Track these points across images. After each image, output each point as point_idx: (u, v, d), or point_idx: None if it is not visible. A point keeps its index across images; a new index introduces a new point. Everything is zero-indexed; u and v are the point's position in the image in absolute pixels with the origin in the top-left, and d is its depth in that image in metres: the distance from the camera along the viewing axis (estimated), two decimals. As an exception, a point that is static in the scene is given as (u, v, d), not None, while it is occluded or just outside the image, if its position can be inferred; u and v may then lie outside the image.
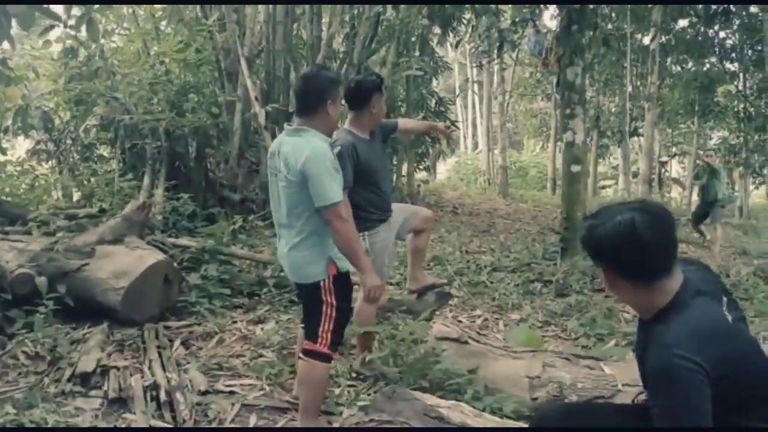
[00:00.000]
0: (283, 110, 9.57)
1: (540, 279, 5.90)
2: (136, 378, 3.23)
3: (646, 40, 13.34)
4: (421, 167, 11.76)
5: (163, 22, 10.54)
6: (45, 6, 4.63)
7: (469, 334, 3.46)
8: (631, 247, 1.53)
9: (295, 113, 2.72)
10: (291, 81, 10.48)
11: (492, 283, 5.75)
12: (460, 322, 4.79)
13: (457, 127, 12.84)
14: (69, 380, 3.26)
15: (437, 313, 4.78)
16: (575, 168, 6.40)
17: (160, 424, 2.90)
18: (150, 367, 3.44)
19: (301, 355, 2.80)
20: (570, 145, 6.43)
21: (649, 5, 12.56)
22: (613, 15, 13.23)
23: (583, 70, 6.61)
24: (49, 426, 2.74)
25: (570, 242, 6.31)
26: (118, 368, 3.40)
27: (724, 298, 1.66)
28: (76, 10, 6.51)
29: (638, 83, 18.12)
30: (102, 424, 2.86)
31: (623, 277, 1.59)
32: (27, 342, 3.58)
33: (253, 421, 3.07)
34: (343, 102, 3.18)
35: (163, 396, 3.11)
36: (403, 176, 11.12)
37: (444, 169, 24.56)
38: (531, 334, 3.93)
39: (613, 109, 18.86)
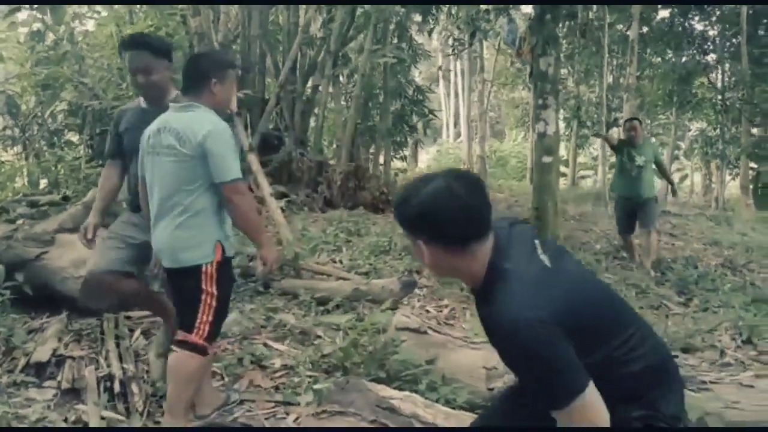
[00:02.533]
0: (258, 97, 9.49)
1: (510, 268, 5.90)
2: (90, 369, 3.18)
3: (632, 33, 13.36)
4: (398, 156, 11.68)
5: (138, 6, 10.37)
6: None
7: (429, 324, 3.46)
8: (447, 212, 1.51)
9: (182, 92, 2.70)
10: (267, 67, 10.40)
11: (462, 272, 5.74)
12: (427, 311, 4.79)
13: (435, 116, 12.75)
14: (22, 370, 3.21)
15: (404, 302, 4.79)
16: (546, 159, 6.40)
17: (112, 415, 2.87)
18: (106, 358, 3.40)
19: (173, 346, 2.62)
20: (542, 135, 6.42)
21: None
22: (594, 6, 13.24)
23: (557, 60, 6.60)
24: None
25: (540, 231, 6.31)
26: (73, 358, 3.35)
27: (536, 242, 1.64)
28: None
29: (617, 74, 18.19)
30: (53, 416, 2.82)
31: (442, 245, 1.55)
32: (-19, 331, 3.50)
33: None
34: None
35: (117, 387, 3.07)
36: (381, 165, 11.07)
37: (425, 158, 24.54)
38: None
39: (594, 100, 18.93)
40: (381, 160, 11.05)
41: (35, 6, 6.53)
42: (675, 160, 21.28)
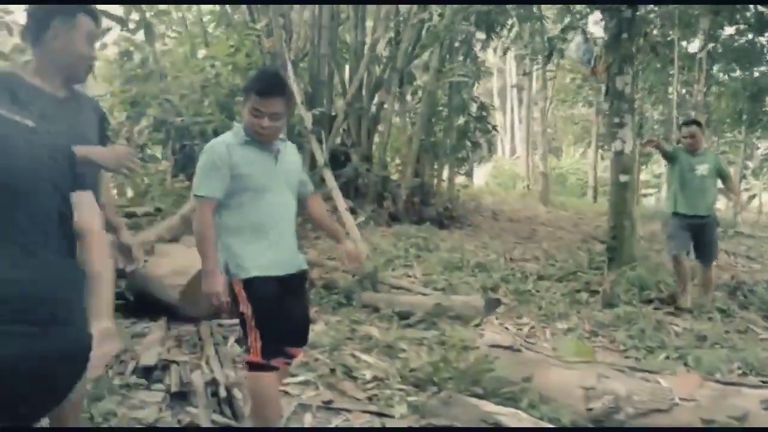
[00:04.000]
0: (326, 114, 9.72)
1: (586, 288, 5.86)
2: (197, 374, 3.33)
3: (692, 48, 13.06)
4: (460, 172, 11.72)
5: (211, 26, 10.81)
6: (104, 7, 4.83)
7: (521, 342, 3.48)
8: None
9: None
10: (334, 85, 10.66)
11: (538, 291, 5.73)
12: (506, 329, 4.80)
13: (497, 131, 12.74)
14: (132, 373, 3.39)
15: (484, 320, 4.81)
16: (624, 177, 6.33)
17: (221, 418, 3.00)
18: (208, 363, 3.54)
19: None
20: (619, 154, 6.36)
21: (697, 12, 12.33)
22: (658, 21, 13.01)
23: (633, 79, 6.53)
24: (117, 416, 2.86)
25: (617, 252, 6.24)
26: (177, 363, 3.51)
27: None
28: (135, 14, 6.76)
29: (683, 91, 17.76)
30: (166, 417, 2.97)
31: None
32: (92, 335, 3.71)
33: (308, 420, 3.14)
34: None
35: (222, 392, 3.20)
36: (443, 181, 11.13)
37: (481, 173, 24.44)
38: (581, 345, 3.92)
39: (656, 117, 18.53)
40: (444, 175, 11.11)
41: (126, 26, 6.88)
42: (743, 180, 20.55)
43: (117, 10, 5.10)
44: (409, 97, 11.40)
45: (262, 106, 2.49)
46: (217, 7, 10.57)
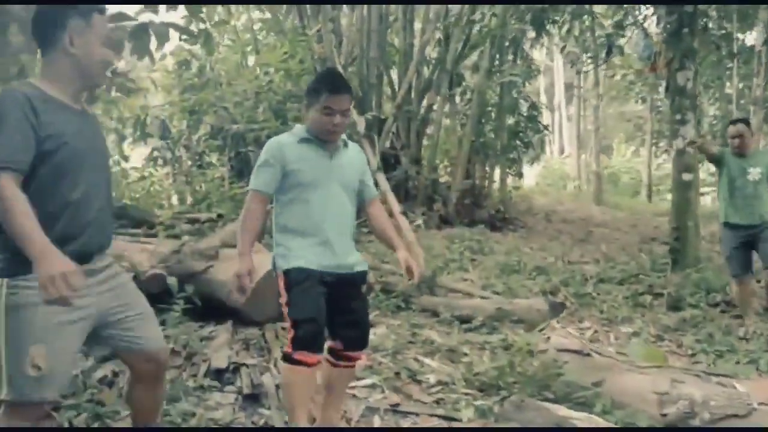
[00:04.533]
0: (376, 117, 9.78)
1: (650, 291, 5.71)
2: (267, 376, 3.40)
3: (749, 40, 12.55)
4: (512, 172, 11.61)
5: (261, 33, 11.04)
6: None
7: (590, 346, 3.43)
8: None
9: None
10: (383, 88, 10.71)
11: (599, 294, 5.62)
12: (569, 333, 4.72)
13: (549, 130, 12.58)
14: (205, 375, 3.48)
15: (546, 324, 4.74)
16: (686, 176, 6.16)
17: (293, 421, 3.05)
18: (276, 365, 3.61)
19: None
20: (681, 152, 6.19)
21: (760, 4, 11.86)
22: (714, 14, 12.59)
23: (695, 74, 6.35)
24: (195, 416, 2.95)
25: (680, 253, 6.07)
26: (247, 365, 3.59)
27: None
28: (193, 25, 6.95)
29: (741, 86, 17.11)
30: (241, 418, 3.04)
31: None
32: (162, 338, 3.84)
33: (377, 422, 3.17)
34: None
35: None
36: (495, 182, 11.04)
37: (530, 174, 24.12)
38: (653, 349, 3.83)
39: (712, 112, 17.89)
40: (496, 177, 11.02)
41: (184, 36, 7.08)
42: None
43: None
44: (458, 99, 11.36)
45: (334, 103, 2.53)
46: (268, 15, 10.79)
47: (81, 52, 1.92)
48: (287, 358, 2.52)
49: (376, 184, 7.03)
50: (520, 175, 11.19)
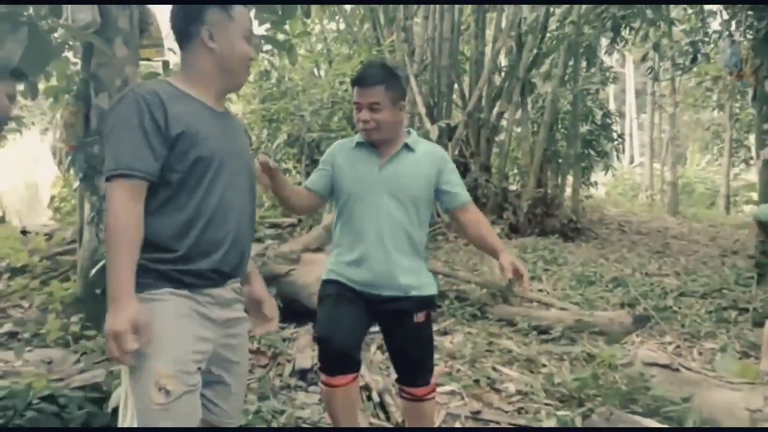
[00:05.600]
0: (447, 125, 9.81)
1: (734, 306, 5.49)
2: (351, 378, 3.50)
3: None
4: (585, 182, 11.38)
5: (334, 44, 11.30)
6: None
7: (679, 361, 3.35)
8: None
9: None
10: (453, 97, 10.74)
11: (680, 308, 5.45)
12: (656, 347, 4.62)
13: (623, 139, 12.27)
14: (291, 375, 3.62)
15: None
16: (775, 188, 5.90)
17: (377, 422, 3.13)
18: (358, 369, 3.71)
19: None
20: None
21: None
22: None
23: (786, 82, 6.08)
24: (284, 414, 3.08)
25: (767, 268, 5.81)
26: (329, 367, 3.71)
27: None
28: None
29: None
30: (326, 419, 3.14)
31: None
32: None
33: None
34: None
35: (375, 397, 3.35)
36: (566, 191, 10.86)
37: (600, 183, 23.51)
38: (746, 365, 3.70)
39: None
40: (567, 186, 10.83)
41: (266, 47, 7.34)
42: None
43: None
44: (529, 106, 11.25)
45: (359, 96, 2.33)
46: (342, 26, 11.03)
47: (221, 47, 1.75)
48: (323, 381, 2.40)
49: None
50: (593, 184, 10.93)
